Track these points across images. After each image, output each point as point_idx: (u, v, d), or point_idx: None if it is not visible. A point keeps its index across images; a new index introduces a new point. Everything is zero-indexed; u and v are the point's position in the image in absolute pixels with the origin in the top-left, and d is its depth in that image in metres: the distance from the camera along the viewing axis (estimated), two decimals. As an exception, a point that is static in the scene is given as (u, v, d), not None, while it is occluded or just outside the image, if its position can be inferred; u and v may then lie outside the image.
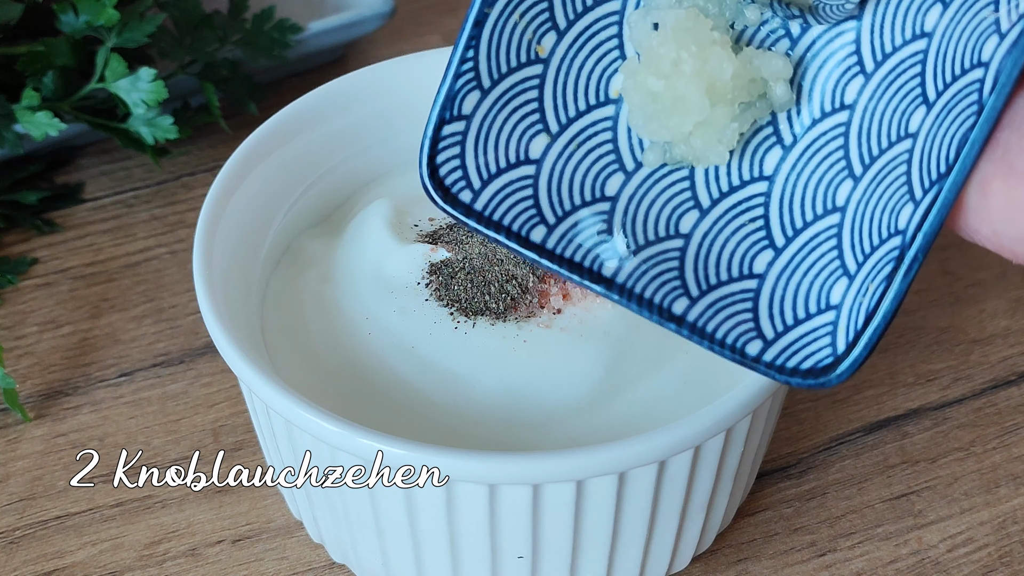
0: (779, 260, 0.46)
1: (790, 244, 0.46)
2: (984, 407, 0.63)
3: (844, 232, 0.45)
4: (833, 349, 0.44)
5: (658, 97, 0.45)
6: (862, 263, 0.44)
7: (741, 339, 0.45)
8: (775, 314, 0.45)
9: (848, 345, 0.44)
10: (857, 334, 0.43)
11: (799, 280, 0.46)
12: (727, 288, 0.46)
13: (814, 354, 0.44)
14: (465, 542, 0.50)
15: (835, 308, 0.45)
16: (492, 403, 0.51)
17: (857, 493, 0.59)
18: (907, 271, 0.42)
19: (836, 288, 0.45)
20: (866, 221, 0.45)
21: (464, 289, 0.53)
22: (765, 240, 0.47)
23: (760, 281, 0.46)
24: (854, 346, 0.44)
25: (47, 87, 0.69)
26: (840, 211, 0.46)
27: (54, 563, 0.57)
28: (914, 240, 0.42)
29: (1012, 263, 0.68)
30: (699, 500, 0.52)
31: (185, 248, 0.70)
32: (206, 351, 0.65)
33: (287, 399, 0.48)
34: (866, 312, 0.43)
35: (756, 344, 0.45)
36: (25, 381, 0.64)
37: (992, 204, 0.39)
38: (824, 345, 0.44)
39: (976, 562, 0.57)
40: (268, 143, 0.58)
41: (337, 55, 0.81)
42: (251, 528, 0.58)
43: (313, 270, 0.57)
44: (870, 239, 0.44)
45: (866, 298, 0.44)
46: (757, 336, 0.45)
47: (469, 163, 0.47)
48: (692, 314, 0.45)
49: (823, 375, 0.44)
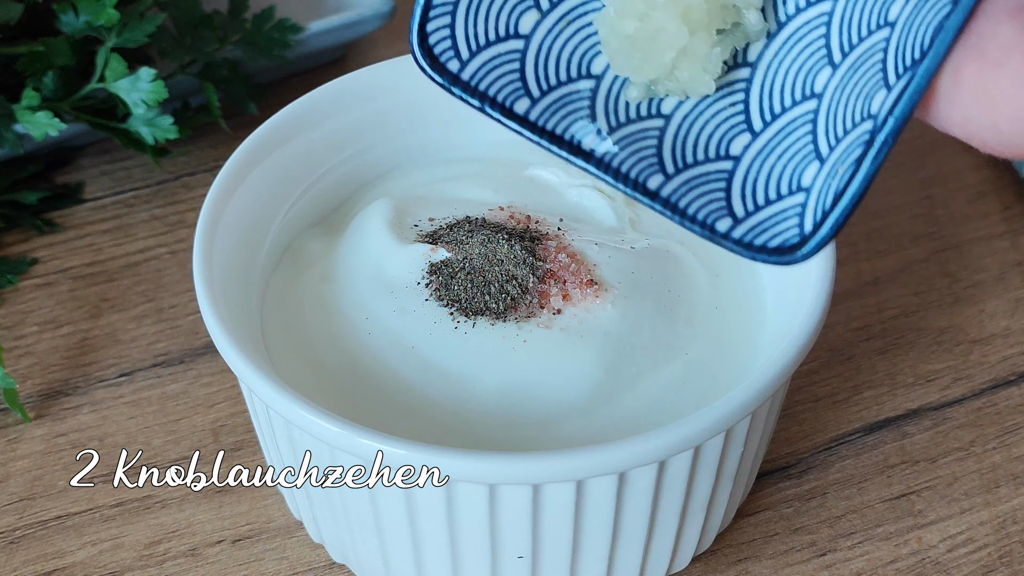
0: (755, 143, 0.48)
1: (767, 128, 0.48)
2: (984, 407, 0.63)
3: (820, 117, 0.47)
4: (801, 229, 0.45)
5: (636, 39, 0.46)
6: (834, 147, 0.46)
7: (712, 216, 0.46)
8: (747, 194, 0.47)
9: (815, 225, 0.45)
10: (824, 214, 0.44)
11: (773, 162, 0.47)
12: (702, 168, 0.47)
13: (781, 233, 0.46)
14: (465, 542, 0.50)
15: (806, 190, 0.46)
16: (492, 403, 0.51)
17: (857, 493, 0.59)
18: (876, 154, 0.43)
19: (808, 171, 0.46)
20: (841, 107, 0.46)
21: (464, 289, 0.53)
22: (743, 124, 0.48)
23: (735, 163, 0.47)
24: (820, 226, 0.44)
25: (47, 87, 0.69)
26: (817, 97, 0.47)
27: (54, 563, 0.57)
28: (885, 124, 0.43)
29: (1012, 264, 0.68)
30: (699, 500, 0.52)
31: (185, 248, 0.70)
32: (206, 351, 0.65)
33: (287, 399, 0.48)
34: (834, 194, 0.44)
35: (726, 222, 0.46)
36: (25, 381, 0.64)
37: (963, 90, 0.40)
38: (792, 225, 0.46)
39: (976, 562, 0.57)
40: (268, 143, 0.58)
41: (337, 55, 0.81)
42: (251, 528, 0.58)
43: (313, 270, 0.57)
44: (843, 124, 0.45)
45: (835, 180, 0.45)
46: (728, 215, 0.46)
47: (459, 33, 0.48)
48: (666, 190, 0.47)
49: (788, 253, 0.45)
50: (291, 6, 0.78)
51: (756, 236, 0.46)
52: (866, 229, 0.71)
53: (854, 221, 0.71)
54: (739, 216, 0.46)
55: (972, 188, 0.73)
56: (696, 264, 0.56)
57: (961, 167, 0.74)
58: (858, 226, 0.71)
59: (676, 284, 0.55)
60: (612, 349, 0.52)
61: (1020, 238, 0.70)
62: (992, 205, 0.72)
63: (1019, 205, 0.72)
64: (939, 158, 0.75)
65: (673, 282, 0.54)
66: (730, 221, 0.46)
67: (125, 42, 0.69)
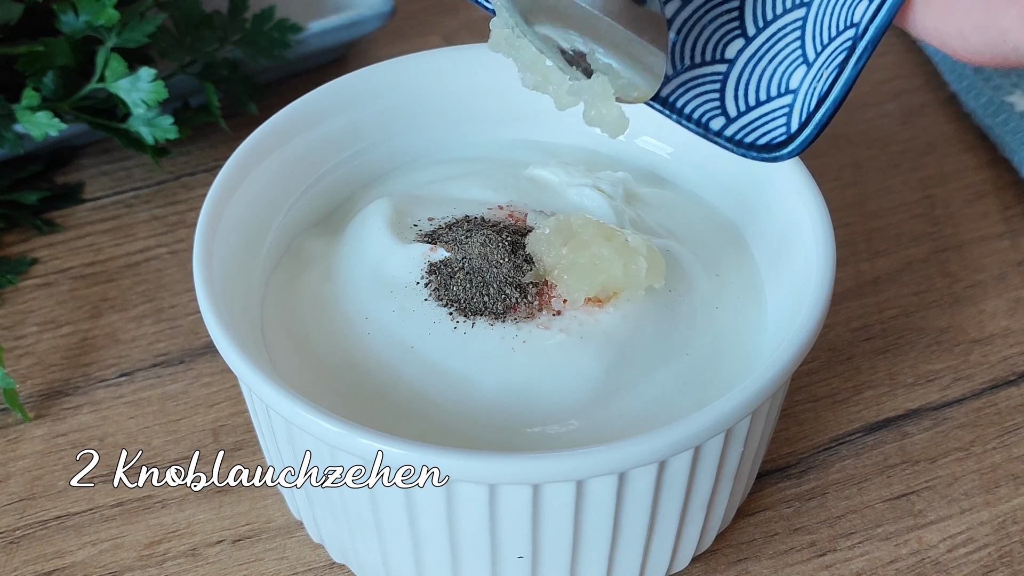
0: (748, 48, 0.52)
1: (760, 34, 0.51)
2: (984, 407, 0.63)
3: (808, 24, 0.50)
4: (787, 128, 0.49)
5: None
6: (820, 52, 0.49)
7: (707, 115, 0.51)
8: (739, 95, 0.51)
9: (800, 125, 0.49)
10: (809, 115, 0.48)
11: (765, 66, 0.51)
12: (699, 70, 0.52)
13: (770, 132, 0.50)
14: (465, 542, 0.50)
15: (793, 92, 0.50)
16: (492, 403, 0.51)
17: (857, 493, 0.59)
18: (857, 60, 0.47)
19: (796, 74, 0.50)
20: (827, 15, 0.49)
21: (463, 289, 0.53)
22: (738, 30, 0.52)
23: (730, 66, 0.52)
24: (805, 126, 0.49)
25: (47, 87, 0.69)
26: (806, 6, 0.50)
27: (54, 563, 0.57)
28: (866, 32, 0.46)
29: (1012, 264, 0.68)
30: (699, 500, 0.52)
31: (185, 248, 0.70)
32: (206, 351, 0.65)
33: (287, 399, 0.48)
34: (818, 96, 0.48)
35: (719, 120, 0.51)
36: (25, 381, 0.64)
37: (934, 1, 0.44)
38: (780, 125, 0.50)
39: (976, 562, 0.57)
40: (268, 143, 0.58)
41: (337, 55, 0.81)
42: (251, 528, 0.58)
43: (313, 270, 0.57)
44: (829, 31, 0.49)
45: (819, 84, 0.48)
46: (721, 114, 0.51)
47: None
48: (665, 90, 0.51)
49: (776, 151, 0.49)
50: (291, 6, 0.78)
51: (746, 135, 0.50)
52: (866, 229, 0.71)
53: (854, 221, 0.71)
54: (731, 115, 0.50)
55: (972, 188, 0.73)
56: (696, 264, 0.56)
57: (961, 167, 0.74)
58: (858, 226, 0.71)
59: (676, 284, 0.55)
60: (612, 350, 0.52)
61: (1020, 238, 0.70)
62: (992, 205, 0.72)
63: (1019, 205, 0.72)
64: (939, 158, 0.75)
65: (673, 282, 0.54)
66: (723, 120, 0.51)
67: (125, 42, 0.69)
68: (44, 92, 0.69)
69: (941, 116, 0.77)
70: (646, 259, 0.52)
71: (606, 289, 0.52)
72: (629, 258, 0.52)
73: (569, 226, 0.53)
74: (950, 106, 0.78)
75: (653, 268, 0.52)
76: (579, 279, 0.52)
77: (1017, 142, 0.72)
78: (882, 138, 0.76)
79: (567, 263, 0.52)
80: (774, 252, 0.56)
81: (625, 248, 0.52)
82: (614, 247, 0.52)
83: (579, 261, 0.52)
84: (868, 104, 0.78)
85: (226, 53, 0.74)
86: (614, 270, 0.52)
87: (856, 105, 0.78)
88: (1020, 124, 0.72)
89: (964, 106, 0.76)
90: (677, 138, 0.61)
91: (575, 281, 0.52)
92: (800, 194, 0.55)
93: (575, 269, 0.52)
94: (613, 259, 0.52)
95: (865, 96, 0.78)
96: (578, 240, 0.52)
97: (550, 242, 0.53)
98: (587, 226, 0.52)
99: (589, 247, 0.52)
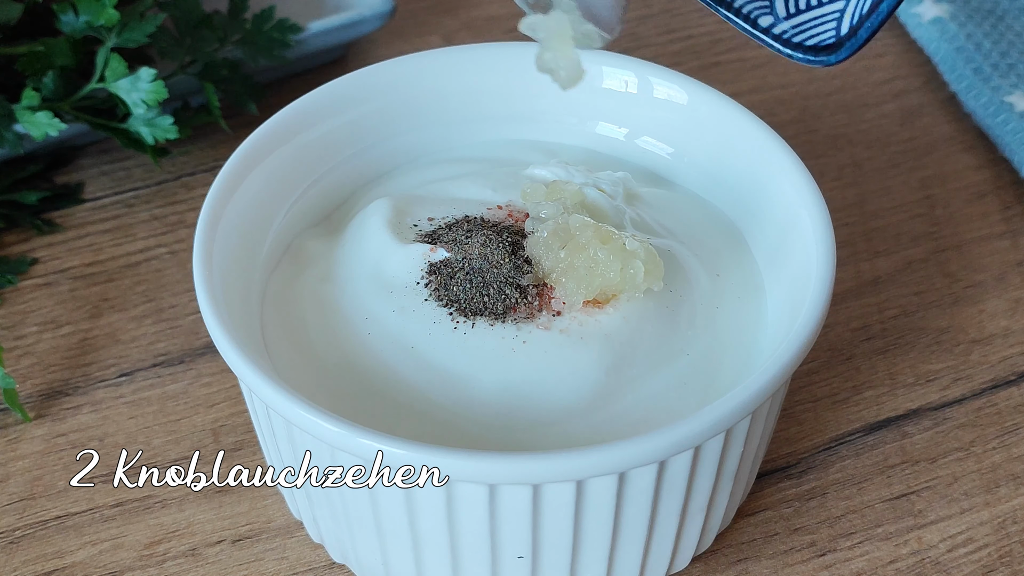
0: None
1: None
2: (984, 407, 0.63)
3: None
4: (837, 32, 0.49)
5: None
6: None
7: (756, 11, 0.51)
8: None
9: (852, 29, 0.49)
10: (862, 19, 0.48)
11: None
12: None
13: (820, 35, 0.50)
14: (465, 542, 0.50)
15: None
16: (492, 403, 0.51)
17: (857, 493, 0.59)
18: None
19: None
20: None
21: (463, 289, 0.53)
22: None
23: None
24: (857, 30, 0.49)
25: (47, 87, 0.69)
26: None
27: (54, 563, 0.57)
28: None
29: (1012, 264, 0.68)
30: (699, 500, 0.52)
31: (185, 248, 0.70)
32: (206, 351, 0.65)
33: (287, 399, 0.48)
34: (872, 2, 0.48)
35: (768, 18, 0.50)
36: (25, 381, 0.64)
37: None
38: (830, 28, 0.50)
39: (976, 562, 0.57)
40: (268, 143, 0.58)
41: (337, 55, 0.81)
42: (251, 528, 0.58)
43: (313, 270, 0.57)
44: None
45: None
46: (770, 12, 0.51)
47: None
48: None
49: (824, 53, 0.49)
50: (291, 6, 0.78)
51: (795, 34, 0.50)
52: (866, 229, 0.71)
53: (854, 221, 0.71)
54: (781, 16, 0.50)
55: (972, 188, 0.73)
56: (696, 264, 0.56)
57: (961, 167, 0.74)
58: (858, 226, 0.71)
59: (676, 284, 0.55)
60: (612, 350, 0.52)
61: (1020, 238, 0.70)
62: (992, 205, 0.72)
63: (1019, 205, 0.72)
64: (939, 158, 0.75)
65: (673, 282, 0.54)
66: (772, 18, 0.50)
67: (125, 42, 0.69)
68: (44, 92, 0.69)
69: (941, 116, 0.77)
70: (643, 262, 0.52)
71: (604, 292, 0.52)
72: (626, 261, 0.52)
73: (567, 228, 0.53)
74: (950, 106, 0.78)
75: (651, 271, 0.52)
76: (576, 282, 0.52)
77: (1017, 142, 0.72)
78: (882, 138, 0.76)
79: (565, 266, 0.52)
80: (774, 252, 0.56)
81: (622, 251, 0.52)
82: (611, 250, 0.52)
83: (576, 264, 0.52)
84: (868, 104, 0.78)
85: (226, 53, 0.74)
86: (611, 273, 0.51)
87: (856, 105, 0.78)
88: (1020, 124, 0.72)
89: (964, 106, 0.76)
90: (677, 138, 0.61)
91: (572, 284, 0.52)
92: (800, 194, 0.55)
93: (572, 272, 0.52)
94: (610, 262, 0.51)
95: (865, 96, 0.78)
96: (576, 243, 0.52)
97: (548, 245, 0.52)
98: (585, 228, 0.52)
99: (586, 250, 0.52)
